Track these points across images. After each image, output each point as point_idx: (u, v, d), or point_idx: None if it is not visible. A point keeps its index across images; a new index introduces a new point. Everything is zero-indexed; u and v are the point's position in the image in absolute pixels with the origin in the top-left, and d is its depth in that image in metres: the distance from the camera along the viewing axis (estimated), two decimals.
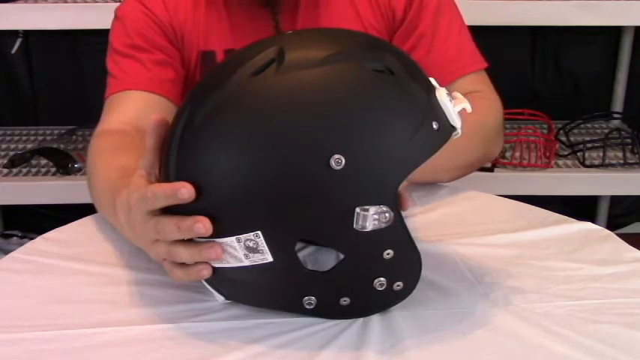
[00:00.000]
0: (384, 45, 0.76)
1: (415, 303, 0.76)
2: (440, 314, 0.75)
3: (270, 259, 0.68)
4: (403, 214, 0.72)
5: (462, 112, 0.72)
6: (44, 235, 0.93)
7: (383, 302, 0.74)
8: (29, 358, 0.70)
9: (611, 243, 0.90)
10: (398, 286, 0.73)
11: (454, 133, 0.71)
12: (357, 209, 0.66)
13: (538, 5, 1.91)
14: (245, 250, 0.68)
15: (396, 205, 0.68)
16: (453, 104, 0.71)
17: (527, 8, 1.91)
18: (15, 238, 2.16)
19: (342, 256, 0.71)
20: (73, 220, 0.96)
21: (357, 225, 0.67)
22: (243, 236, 0.68)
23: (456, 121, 0.71)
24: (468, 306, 0.77)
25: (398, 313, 0.75)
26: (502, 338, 0.71)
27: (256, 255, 0.68)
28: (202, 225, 0.67)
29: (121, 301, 0.78)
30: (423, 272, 0.74)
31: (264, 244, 0.67)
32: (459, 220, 0.95)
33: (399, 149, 0.67)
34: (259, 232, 0.67)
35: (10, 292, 0.81)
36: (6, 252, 0.96)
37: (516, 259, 0.86)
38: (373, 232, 0.67)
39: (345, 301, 0.72)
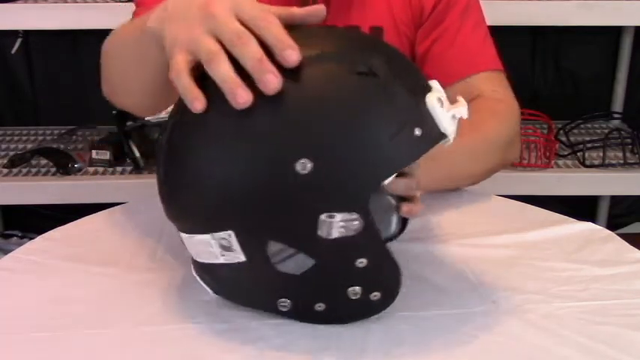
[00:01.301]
0: (375, 45, 0.73)
1: (416, 304, 0.76)
2: (441, 315, 0.75)
3: (242, 258, 0.68)
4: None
5: (467, 118, 0.69)
6: (44, 235, 0.93)
7: (360, 312, 0.72)
8: (28, 358, 0.69)
9: (612, 243, 0.90)
10: (375, 296, 0.70)
11: (444, 141, 0.67)
12: (322, 216, 0.64)
13: (538, 5, 1.91)
14: (220, 248, 0.68)
15: (367, 212, 0.65)
16: (444, 110, 0.67)
17: (527, 8, 1.91)
18: (15, 238, 2.16)
19: None
20: (73, 220, 0.96)
21: (321, 232, 0.65)
22: (217, 234, 0.68)
23: (446, 127, 0.67)
24: (469, 307, 0.76)
25: (398, 314, 0.74)
26: (503, 339, 0.71)
27: (230, 253, 0.68)
28: (296, 55, 0.63)
29: (120, 301, 0.78)
30: (424, 273, 0.73)
31: (237, 243, 0.67)
32: (460, 221, 0.95)
33: (372, 155, 0.64)
34: (231, 231, 0.67)
35: (10, 292, 0.80)
36: (6, 252, 0.96)
37: (517, 260, 0.86)
38: (342, 239, 0.65)
39: (320, 306, 0.71)
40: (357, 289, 0.69)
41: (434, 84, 0.69)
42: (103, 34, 0.94)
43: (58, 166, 1.92)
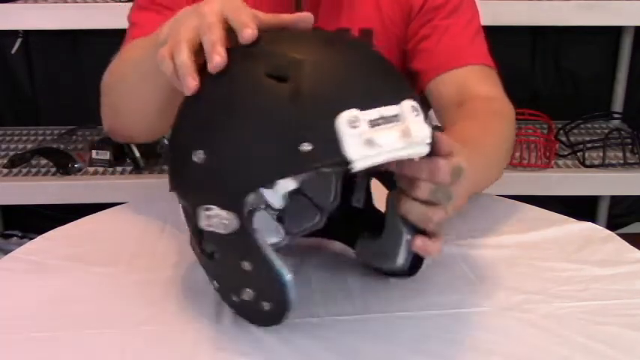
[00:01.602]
0: (326, 50, 0.69)
1: (416, 303, 0.76)
2: (440, 315, 0.75)
3: (187, 229, 0.73)
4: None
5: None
6: (44, 235, 0.93)
7: (257, 317, 0.72)
8: (28, 358, 0.70)
9: (612, 243, 0.90)
10: (266, 305, 0.70)
11: (348, 166, 0.62)
12: (200, 207, 0.68)
13: (538, 5, 1.91)
14: (183, 216, 0.74)
15: (242, 214, 0.66)
16: (357, 132, 0.61)
17: (528, 8, 1.91)
18: (15, 238, 2.16)
19: None
20: (73, 220, 0.96)
21: (200, 222, 0.68)
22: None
23: (350, 151, 0.61)
24: (469, 307, 0.77)
25: (398, 313, 0.75)
26: (503, 339, 0.71)
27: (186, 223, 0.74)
28: (250, 31, 0.68)
29: (120, 301, 0.78)
30: (424, 273, 0.73)
31: (183, 214, 0.73)
32: (460, 221, 0.95)
33: (250, 159, 0.64)
34: (180, 203, 0.73)
35: (10, 292, 0.80)
36: (6, 252, 0.96)
37: (517, 260, 0.86)
38: (221, 235, 0.67)
39: (235, 298, 0.72)
40: (251, 292, 0.70)
41: (408, 103, 0.65)
42: (103, 34, 0.94)
43: (58, 166, 1.92)
